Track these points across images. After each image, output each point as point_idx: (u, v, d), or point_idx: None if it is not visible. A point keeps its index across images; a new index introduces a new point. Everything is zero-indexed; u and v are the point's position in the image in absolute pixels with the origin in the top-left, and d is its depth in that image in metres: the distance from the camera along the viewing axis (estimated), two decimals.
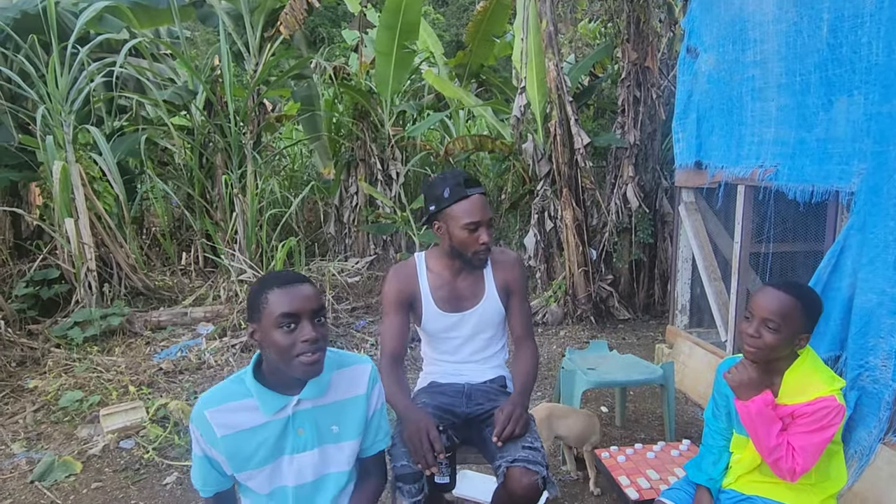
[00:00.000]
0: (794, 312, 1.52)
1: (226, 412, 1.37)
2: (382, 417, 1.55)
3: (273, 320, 1.30)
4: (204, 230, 6.06)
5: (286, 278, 1.36)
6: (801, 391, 1.55)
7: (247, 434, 1.38)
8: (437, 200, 1.86)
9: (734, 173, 3.31)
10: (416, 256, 2.04)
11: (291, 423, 1.41)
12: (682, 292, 4.20)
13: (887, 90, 2.28)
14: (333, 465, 1.47)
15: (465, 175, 1.88)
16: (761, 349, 1.55)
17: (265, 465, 1.41)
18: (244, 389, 1.39)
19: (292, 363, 1.32)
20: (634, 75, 5.05)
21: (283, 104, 8.79)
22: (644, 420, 3.45)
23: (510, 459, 1.68)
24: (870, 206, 2.41)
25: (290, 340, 1.30)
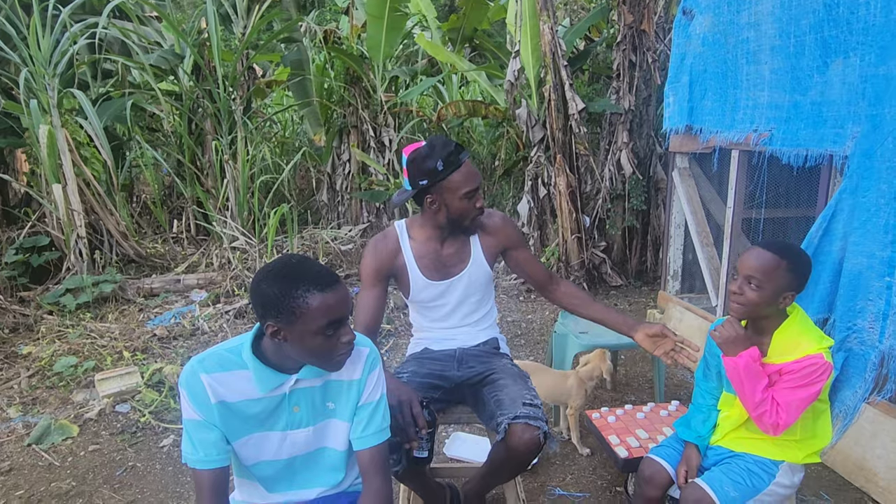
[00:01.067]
0: (777, 270, 1.54)
1: (221, 380, 1.31)
2: (378, 412, 1.42)
3: (315, 327, 1.22)
4: (195, 197, 6.00)
5: (325, 280, 1.24)
6: (789, 350, 1.57)
7: (241, 405, 1.33)
8: (429, 174, 1.76)
9: (728, 138, 3.29)
10: (396, 226, 1.96)
11: (287, 401, 1.37)
12: (675, 258, 4.22)
13: (884, 51, 2.25)
14: (328, 440, 1.44)
15: (452, 142, 1.79)
16: (745, 306, 1.58)
17: (253, 435, 1.37)
18: (241, 361, 1.33)
19: (327, 363, 1.30)
20: (630, 39, 4.97)
21: (273, 69, 8.62)
22: (635, 383, 3.51)
23: (512, 416, 1.70)
24: (863, 170, 2.41)
25: (330, 344, 1.26)
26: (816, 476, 2.49)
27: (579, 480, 2.51)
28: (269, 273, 1.26)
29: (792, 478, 1.67)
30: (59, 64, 4.69)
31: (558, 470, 2.58)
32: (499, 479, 1.95)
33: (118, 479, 2.56)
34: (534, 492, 2.42)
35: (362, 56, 6.59)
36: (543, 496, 2.40)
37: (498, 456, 1.80)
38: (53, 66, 4.65)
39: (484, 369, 1.96)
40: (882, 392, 2.39)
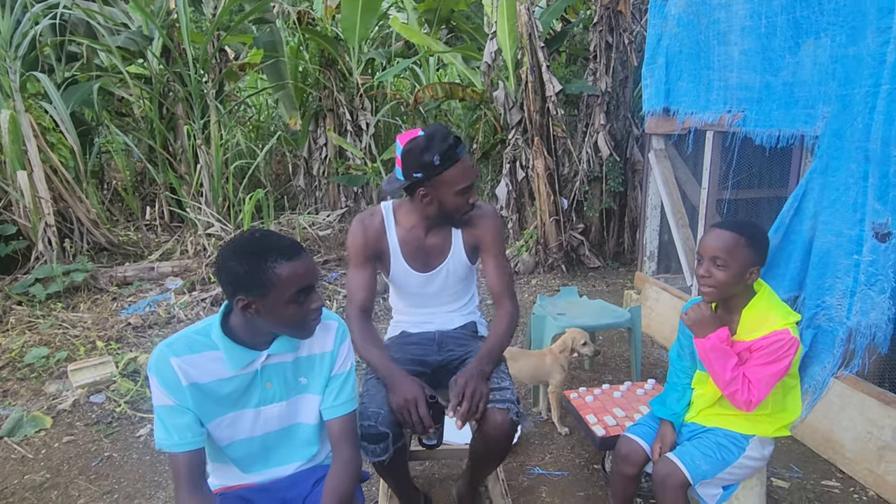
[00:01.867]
0: (738, 247, 1.57)
1: (192, 362, 1.32)
2: (348, 382, 1.46)
3: (287, 296, 1.26)
4: (168, 183, 5.88)
5: (290, 250, 1.27)
6: (758, 327, 1.60)
7: (212, 385, 1.34)
8: (424, 168, 1.70)
9: (703, 119, 3.32)
10: (383, 207, 1.91)
11: (259, 377, 1.38)
12: (651, 239, 4.27)
13: (854, 31, 2.28)
14: (301, 415, 1.46)
15: (451, 135, 1.72)
16: (715, 287, 1.60)
17: (226, 415, 1.38)
18: (210, 342, 1.34)
19: (300, 330, 1.34)
20: (607, 20, 4.96)
21: (246, 52, 8.44)
22: (612, 363, 3.56)
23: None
24: (833, 150, 2.45)
25: (303, 312, 1.30)
26: (787, 449, 2.56)
27: (558, 459, 2.54)
28: (235, 249, 1.28)
29: (762, 451, 1.71)
30: (20, 46, 4.52)
31: (537, 450, 2.61)
32: (485, 470, 1.96)
33: (94, 470, 2.53)
34: (513, 472, 2.45)
35: (337, 38, 6.48)
36: (523, 476, 2.43)
37: (478, 447, 1.81)
38: (14, 48, 4.48)
39: (462, 353, 1.96)
40: (849, 367, 2.45)
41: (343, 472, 1.41)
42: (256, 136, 8.09)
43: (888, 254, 2.21)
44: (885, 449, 2.25)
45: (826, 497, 2.25)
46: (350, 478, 1.41)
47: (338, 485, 1.39)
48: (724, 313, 1.69)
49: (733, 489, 1.74)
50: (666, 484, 1.64)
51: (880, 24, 2.15)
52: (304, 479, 1.49)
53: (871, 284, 2.30)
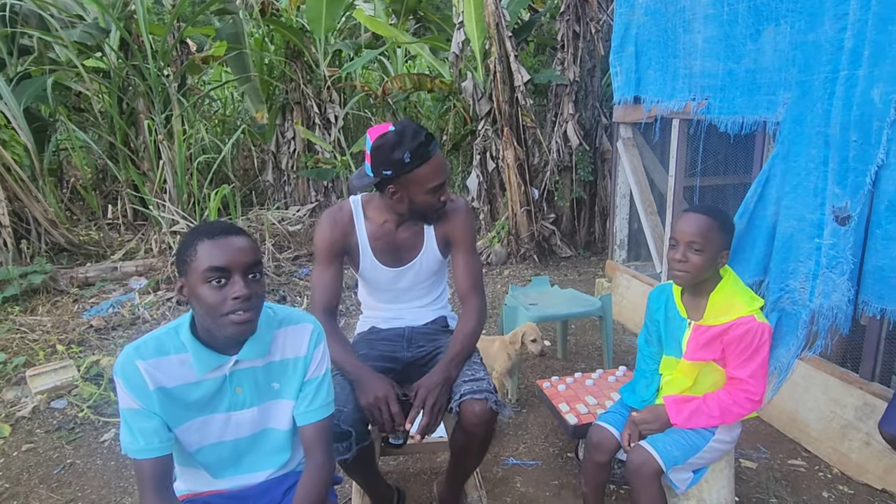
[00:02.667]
0: (713, 231, 1.59)
1: (159, 366, 1.27)
2: (323, 387, 1.41)
3: (201, 274, 1.19)
4: (130, 180, 5.71)
5: (217, 228, 1.24)
6: (724, 311, 1.62)
7: (180, 390, 1.30)
8: (394, 165, 1.64)
9: (669, 107, 3.34)
10: (351, 202, 1.86)
11: (229, 382, 1.33)
12: (621, 227, 4.31)
13: (812, 18, 2.31)
14: (273, 420, 1.42)
15: (423, 132, 1.66)
16: (690, 272, 1.61)
17: (195, 419, 1.34)
18: (178, 344, 1.30)
19: (221, 322, 1.22)
20: (574, 9, 4.97)
21: (210, 44, 8.23)
22: (585, 352, 3.59)
23: (457, 398, 1.69)
24: (794, 135, 2.48)
25: (219, 297, 1.20)
26: (755, 430, 2.61)
27: (532, 449, 2.55)
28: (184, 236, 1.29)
29: (730, 434, 1.73)
30: None
31: (511, 440, 2.62)
32: (467, 465, 1.92)
33: (56, 478, 2.44)
34: (487, 463, 2.45)
35: (303, 29, 6.35)
36: (497, 467, 2.43)
37: (459, 441, 1.78)
38: None
39: (433, 348, 1.94)
40: (813, 348, 2.51)
41: (315, 477, 1.38)
42: (222, 130, 7.91)
43: (848, 237, 2.26)
44: (847, 427, 2.30)
45: (792, 476, 2.30)
46: (322, 483, 1.38)
47: (309, 490, 1.36)
48: (692, 298, 1.71)
49: (703, 472, 1.77)
50: (640, 472, 1.65)
51: (837, 10, 2.18)
52: (275, 487, 1.45)
53: (833, 267, 2.34)
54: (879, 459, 2.16)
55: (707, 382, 1.71)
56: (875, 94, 2.08)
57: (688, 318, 1.70)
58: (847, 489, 2.20)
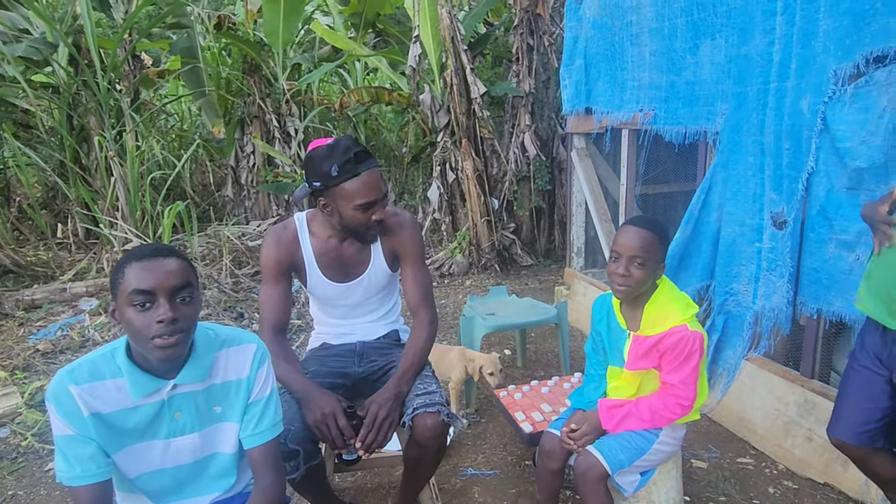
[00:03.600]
0: (654, 245, 1.62)
1: (93, 391, 1.24)
2: (269, 407, 1.39)
3: (126, 297, 1.17)
4: (81, 199, 5.54)
5: (147, 251, 1.22)
6: (660, 321, 1.66)
7: (116, 416, 1.26)
8: (323, 177, 1.66)
9: (618, 118, 3.44)
10: (296, 219, 1.85)
11: (167, 407, 1.30)
12: (578, 235, 4.39)
13: (744, 33, 2.42)
14: (217, 446, 1.39)
15: (356, 147, 1.66)
16: (632, 286, 1.63)
17: (133, 446, 1.30)
18: (114, 368, 1.26)
19: (147, 346, 1.19)
20: (527, 23, 5.07)
21: (166, 58, 8.09)
22: (544, 359, 3.62)
23: (410, 412, 1.69)
24: (732, 145, 2.59)
25: (144, 321, 1.18)
26: (705, 431, 2.68)
27: (490, 459, 2.56)
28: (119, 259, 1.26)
29: (674, 436, 1.77)
30: None
31: (469, 451, 2.62)
32: (421, 478, 1.92)
33: None
34: (445, 474, 2.44)
35: (260, 43, 6.31)
36: (455, 478, 2.43)
37: (412, 454, 1.78)
38: None
39: (385, 362, 1.94)
40: (758, 348, 2.60)
41: (263, 499, 1.35)
42: (180, 145, 7.76)
43: (785, 241, 2.36)
44: (790, 424, 2.39)
45: (741, 474, 2.36)
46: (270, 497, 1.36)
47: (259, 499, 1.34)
48: (629, 309, 1.74)
49: (650, 474, 1.80)
50: (587, 476, 1.68)
51: (765, 25, 2.29)
52: None
53: (772, 270, 2.44)
54: (821, 454, 2.24)
55: (649, 390, 1.75)
56: (803, 104, 2.18)
57: (627, 328, 1.74)
58: (792, 484, 2.27)
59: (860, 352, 1.68)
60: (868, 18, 1.91)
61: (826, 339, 2.37)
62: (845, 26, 1.99)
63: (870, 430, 1.64)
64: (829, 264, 2.20)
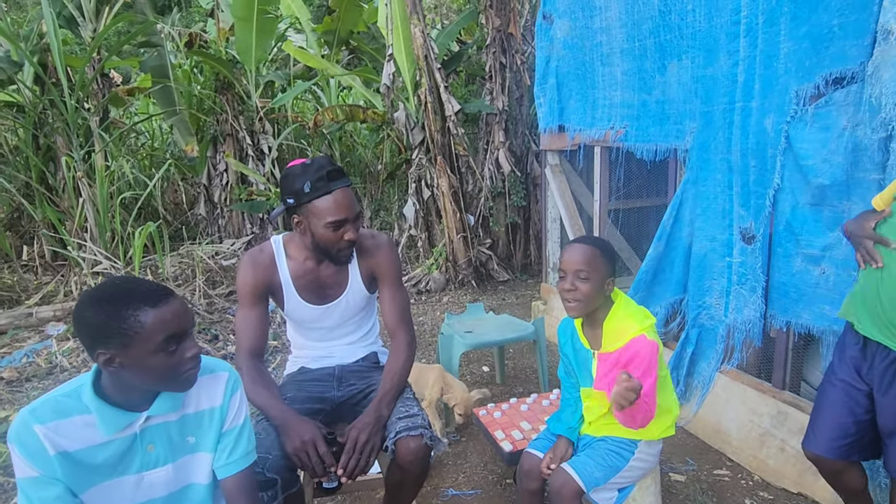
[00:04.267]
0: (597, 259, 1.65)
1: (59, 429, 1.20)
2: (243, 436, 1.38)
3: (153, 346, 1.16)
4: (47, 220, 5.40)
5: (155, 294, 1.18)
6: (619, 336, 1.68)
7: (84, 453, 1.22)
8: (295, 194, 1.68)
9: (591, 135, 3.50)
10: (272, 242, 1.86)
11: (139, 441, 1.27)
12: (553, 251, 4.43)
13: (709, 54, 2.49)
14: (192, 477, 1.36)
15: (329, 166, 1.69)
16: (580, 301, 1.66)
17: (103, 484, 1.26)
18: (81, 405, 1.22)
19: (174, 382, 1.23)
20: (499, 42, 5.14)
21: (136, 76, 7.98)
22: (523, 375, 3.63)
23: (392, 436, 1.68)
24: (701, 162, 2.65)
25: (174, 361, 1.20)
26: (682, 444, 2.71)
27: (471, 478, 2.55)
28: (92, 298, 1.17)
29: (650, 451, 1.79)
30: None
31: (451, 471, 2.61)
32: (403, 501, 1.89)
33: None
34: (427, 496, 2.42)
35: (233, 61, 6.27)
36: (437, 499, 2.41)
37: (394, 477, 1.76)
38: None
39: (364, 386, 1.92)
40: (731, 361, 2.65)
41: None
42: (151, 164, 7.64)
43: (755, 255, 2.42)
44: (765, 435, 2.43)
45: (718, 485, 2.39)
46: None
47: None
48: (589, 329, 1.76)
49: (629, 491, 1.81)
50: (561, 493, 1.68)
51: (730, 47, 2.36)
52: None
53: (743, 284, 2.50)
54: (794, 465, 2.29)
55: None
56: (767, 123, 2.25)
57: (591, 349, 1.76)
58: (767, 495, 2.31)
59: (838, 365, 1.69)
60: (826, 42, 1.99)
61: (796, 350, 2.42)
62: (805, 49, 2.07)
63: (846, 444, 1.66)
64: (797, 278, 2.26)
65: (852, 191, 1.99)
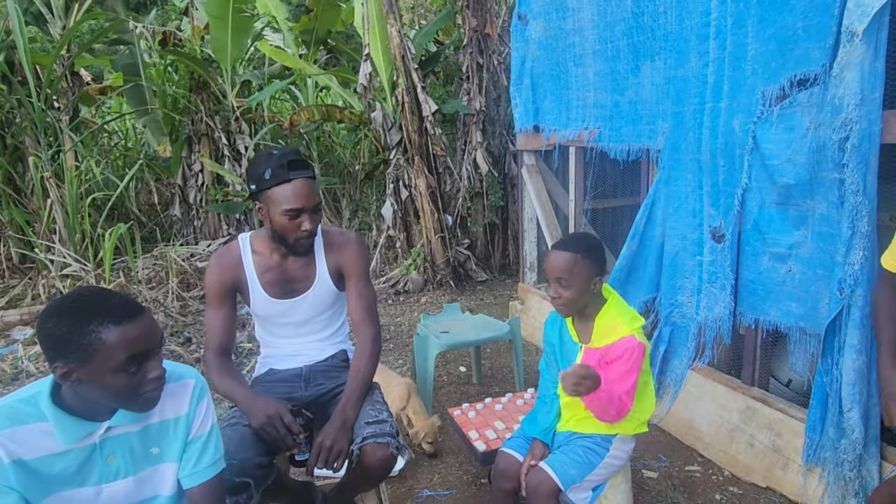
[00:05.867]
0: (577, 264, 1.66)
1: (14, 436, 1.16)
2: (210, 444, 1.35)
3: (113, 365, 1.11)
4: (14, 222, 5.27)
5: (122, 311, 1.13)
6: (609, 333, 1.70)
7: (41, 462, 1.18)
8: (257, 180, 1.71)
9: (565, 136, 3.52)
10: (240, 239, 1.86)
11: (99, 451, 1.23)
12: (530, 251, 4.44)
13: (681, 55, 2.52)
14: (154, 489, 1.32)
15: (293, 155, 1.71)
16: (567, 305, 1.70)
17: (58, 493, 1.22)
18: (38, 412, 1.18)
19: (134, 403, 1.18)
20: (476, 42, 5.15)
21: (108, 75, 7.83)
22: (500, 374, 3.64)
23: (359, 441, 1.67)
24: (672, 162, 2.69)
25: (135, 382, 1.15)
26: (655, 441, 2.73)
27: (446, 479, 2.54)
28: (56, 309, 1.13)
29: (624, 448, 1.80)
30: None
31: (425, 472, 2.60)
32: (361, 490, 1.94)
33: None
34: (401, 497, 2.41)
35: (208, 60, 6.19)
36: (411, 500, 2.40)
37: (355, 476, 1.77)
38: None
39: (333, 385, 1.92)
40: (702, 358, 2.69)
41: None
42: (124, 164, 7.50)
43: (725, 254, 2.45)
44: (734, 431, 2.47)
45: (689, 481, 2.42)
46: None
47: None
48: (580, 323, 1.78)
49: (601, 489, 1.82)
50: (538, 492, 1.68)
51: (700, 48, 2.39)
52: None
53: (713, 282, 2.53)
54: (762, 459, 2.32)
55: None
56: (735, 124, 2.29)
57: (579, 341, 1.77)
58: (737, 490, 2.34)
59: None
60: (791, 44, 2.03)
61: (764, 347, 2.46)
62: (771, 51, 2.10)
63: None
64: (764, 276, 2.30)
65: (815, 190, 2.03)
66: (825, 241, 2.04)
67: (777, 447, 2.29)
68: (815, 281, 2.10)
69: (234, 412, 1.78)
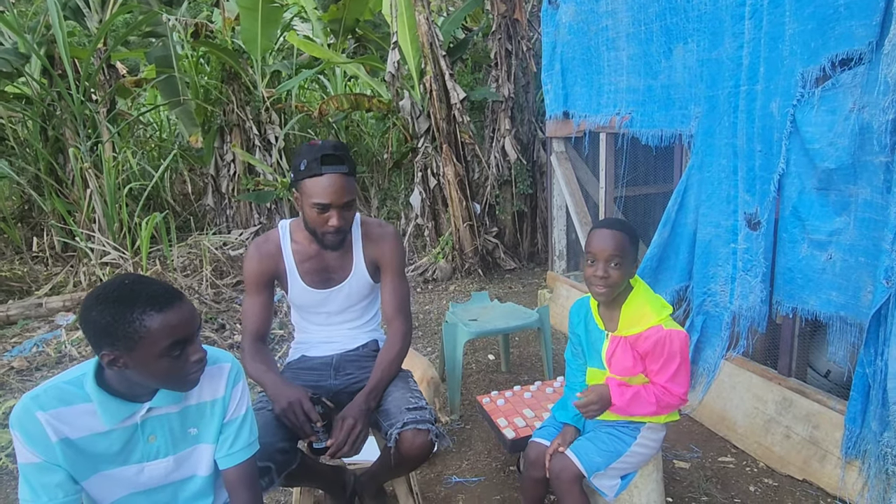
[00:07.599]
0: (628, 245, 1.64)
1: (61, 416, 1.21)
2: (245, 427, 1.40)
3: (158, 350, 1.16)
4: (56, 211, 5.45)
5: (162, 298, 1.17)
6: (636, 321, 1.67)
7: (86, 441, 1.23)
8: (295, 171, 1.75)
9: (596, 122, 3.46)
10: (279, 227, 1.89)
11: (141, 431, 1.28)
12: (559, 238, 4.41)
13: (715, 37, 2.45)
14: (193, 468, 1.37)
15: (329, 149, 1.70)
16: (612, 287, 1.65)
17: (104, 472, 1.27)
18: (83, 393, 1.23)
19: (178, 383, 1.24)
20: (504, 28, 5.09)
21: (143, 67, 8.00)
22: (528, 363, 3.63)
23: (399, 425, 1.69)
24: (706, 147, 2.62)
25: (179, 365, 1.21)
26: (687, 431, 2.70)
27: (475, 465, 2.55)
28: (99, 298, 1.17)
29: (654, 437, 1.78)
30: None
31: (455, 458, 2.61)
32: (393, 476, 1.95)
33: None
34: (430, 483, 2.43)
35: (239, 50, 6.26)
36: (440, 486, 2.42)
37: (391, 461, 1.77)
38: None
39: (363, 376, 1.93)
40: (736, 348, 2.63)
41: None
42: (159, 154, 7.68)
43: (759, 241, 2.39)
44: (770, 422, 2.41)
45: (722, 473, 2.38)
46: None
47: None
48: (607, 310, 1.76)
49: (631, 477, 1.81)
50: (561, 477, 1.68)
51: (734, 29, 2.32)
52: None
53: (748, 270, 2.47)
54: (799, 451, 2.27)
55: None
56: (773, 107, 2.21)
57: (605, 329, 1.75)
58: (772, 482, 2.29)
59: None
60: (832, 22, 1.95)
61: (802, 337, 2.40)
62: (810, 30, 2.02)
63: None
64: (803, 263, 2.23)
65: (859, 174, 1.96)
66: (869, 227, 1.96)
67: (815, 439, 2.24)
68: (857, 269, 2.03)
69: (262, 397, 1.83)
